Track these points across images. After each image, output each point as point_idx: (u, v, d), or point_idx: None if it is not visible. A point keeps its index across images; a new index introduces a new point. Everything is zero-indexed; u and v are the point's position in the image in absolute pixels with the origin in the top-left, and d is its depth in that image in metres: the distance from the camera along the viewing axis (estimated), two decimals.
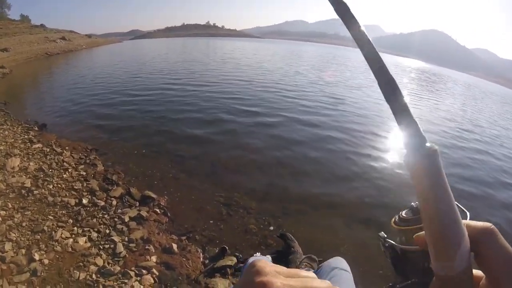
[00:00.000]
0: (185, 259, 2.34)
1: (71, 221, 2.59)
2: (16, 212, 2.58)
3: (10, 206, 2.64)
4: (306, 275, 0.26)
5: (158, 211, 2.92)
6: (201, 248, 2.51)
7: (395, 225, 0.43)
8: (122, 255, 2.25)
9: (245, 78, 11.19)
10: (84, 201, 2.89)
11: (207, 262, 2.36)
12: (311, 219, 3.01)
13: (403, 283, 0.44)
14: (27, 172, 3.32)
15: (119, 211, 2.82)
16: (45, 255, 2.13)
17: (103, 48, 34.85)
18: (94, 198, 2.98)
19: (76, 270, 2.03)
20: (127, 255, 2.27)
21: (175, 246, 2.43)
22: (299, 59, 26.35)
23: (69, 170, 3.53)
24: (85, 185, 3.23)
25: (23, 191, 2.89)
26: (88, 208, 2.81)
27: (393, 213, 0.49)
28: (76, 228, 2.48)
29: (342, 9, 0.31)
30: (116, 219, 2.68)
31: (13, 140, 4.27)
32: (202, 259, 2.40)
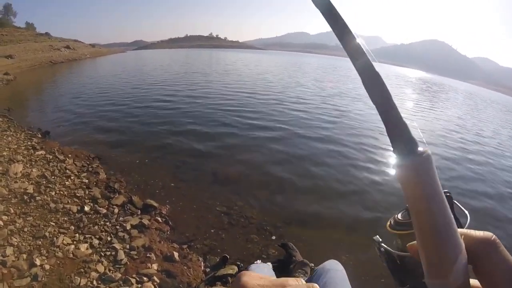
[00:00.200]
0: (186, 267, 2.34)
1: (72, 227, 2.59)
2: (18, 217, 2.59)
3: (12, 211, 2.65)
4: (293, 284, 0.24)
5: (159, 219, 2.93)
6: (202, 256, 2.50)
7: (391, 228, 0.41)
8: (123, 262, 2.25)
9: (247, 90, 11.27)
10: (86, 208, 2.90)
11: (208, 270, 2.36)
12: (312, 228, 3.01)
13: None
14: (29, 178, 3.34)
15: (121, 219, 2.83)
16: (46, 261, 2.13)
17: (107, 58, 35.34)
18: (96, 205, 2.99)
19: (77, 276, 2.03)
20: (128, 262, 2.27)
21: (176, 254, 2.43)
22: (300, 70, 26.62)
23: (72, 177, 3.55)
24: (87, 192, 3.24)
25: (26, 197, 2.91)
26: (90, 215, 2.82)
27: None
28: (77, 235, 2.49)
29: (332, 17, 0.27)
30: (117, 227, 2.69)
31: (16, 146, 4.30)
32: (203, 267, 2.40)
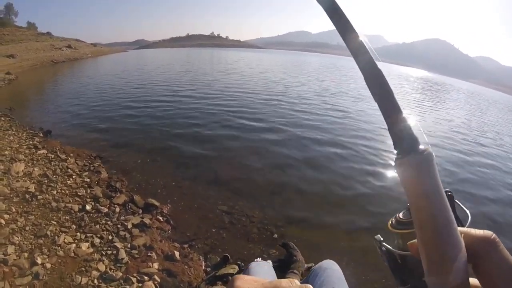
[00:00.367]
0: (187, 266, 2.34)
1: (74, 226, 2.60)
2: (20, 216, 2.60)
3: (14, 210, 2.66)
4: (286, 286, 0.24)
5: (161, 218, 2.93)
6: (203, 256, 2.51)
7: (392, 227, 0.41)
8: (124, 261, 2.25)
9: (248, 89, 11.24)
10: (88, 207, 2.91)
11: (209, 270, 2.36)
12: (314, 228, 3.00)
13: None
14: (31, 177, 3.35)
15: (122, 218, 2.83)
16: (47, 259, 2.13)
17: (108, 57, 35.36)
18: (97, 204, 3.00)
19: (78, 275, 2.03)
20: (129, 261, 2.27)
21: (177, 253, 2.44)
22: (302, 69, 26.58)
23: (73, 176, 3.56)
24: (88, 191, 3.25)
25: (27, 196, 2.92)
26: (92, 214, 2.82)
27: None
28: (79, 234, 2.50)
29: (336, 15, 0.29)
30: (119, 226, 2.69)
31: (18, 145, 4.32)
32: (204, 267, 2.40)
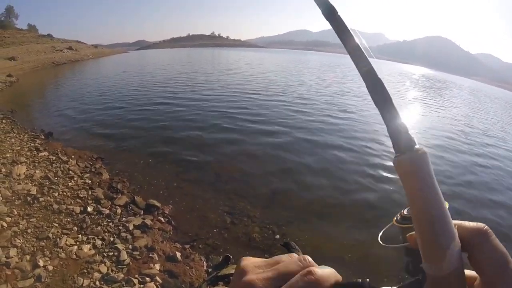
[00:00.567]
0: (188, 267, 2.34)
1: (76, 228, 2.60)
2: (22, 218, 2.61)
3: (16, 212, 2.66)
4: (286, 259, 0.25)
5: (162, 219, 2.93)
6: (204, 256, 2.51)
7: (397, 223, 0.43)
8: (126, 262, 2.25)
9: (249, 90, 11.15)
10: (89, 209, 2.91)
11: (210, 270, 2.36)
12: (315, 228, 3.00)
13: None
14: (33, 179, 3.36)
15: (124, 219, 2.83)
16: (49, 262, 2.14)
17: (109, 58, 35.47)
18: (99, 206, 3.00)
19: (80, 277, 2.03)
20: (130, 262, 2.27)
21: (178, 254, 2.43)
22: (303, 68, 26.48)
23: (75, 178, 3.57)
24: (90, 193, 3.26)
25: (29, 198, 2.92)
26: (93, 216, 2.83)
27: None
28: (80, 236, 2.50)
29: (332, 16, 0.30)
30: (120, 227, 2.69)
31: (19, 147, 4.33)
32: (205, 267, 2.39)
